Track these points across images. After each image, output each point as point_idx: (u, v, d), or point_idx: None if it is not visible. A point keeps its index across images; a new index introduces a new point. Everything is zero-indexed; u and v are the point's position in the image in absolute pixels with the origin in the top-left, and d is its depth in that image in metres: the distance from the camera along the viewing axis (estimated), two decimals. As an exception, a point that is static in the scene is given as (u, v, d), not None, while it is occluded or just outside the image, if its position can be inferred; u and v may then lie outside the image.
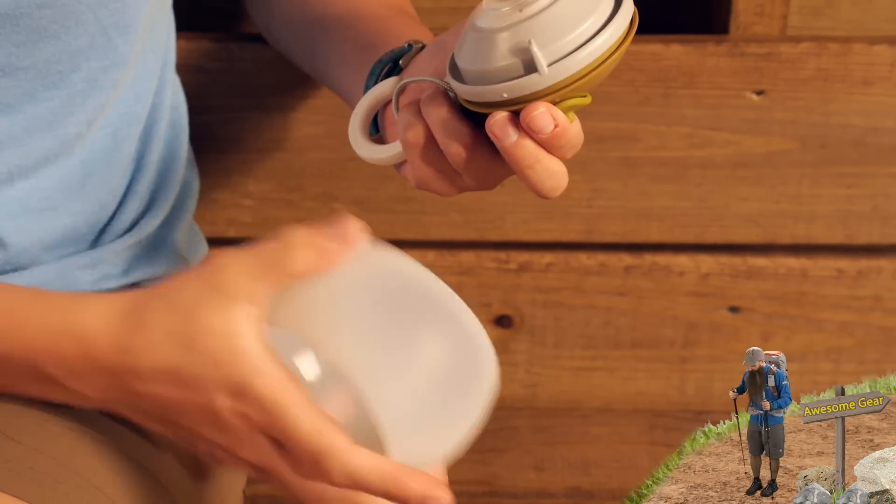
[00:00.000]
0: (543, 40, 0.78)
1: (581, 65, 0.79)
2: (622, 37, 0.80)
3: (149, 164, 1.00)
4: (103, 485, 0.85)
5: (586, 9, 0.79)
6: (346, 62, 0.98)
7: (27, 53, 0.89)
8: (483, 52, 0.79)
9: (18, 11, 0.86)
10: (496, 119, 0.80)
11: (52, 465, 0.84)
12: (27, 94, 0.91)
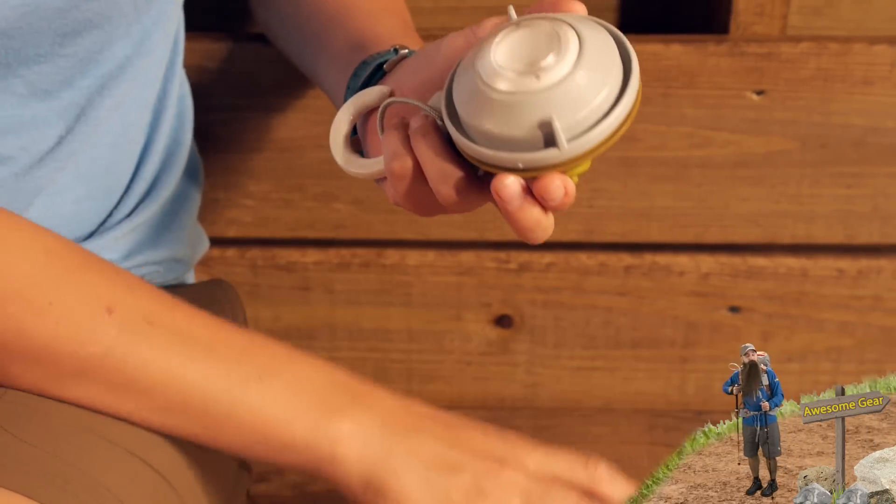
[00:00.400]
0: (562, 114, 0.77)
1: (598, 139, 0.79)
2: (633, 107, 0.80)
3: (155, 151, 1.01)
4: (112, 485, 0.85)
5: (601, 80, 0.79)
6: (334, 60, 0.99)
7: (70, 42, 0.90)
8: (496, 116, 0.78)
9: (69, 5, 0.88)
10: (506, 185, 0.79)
11: (61, 465, 0.84)
12: (65, 81, 0.92)
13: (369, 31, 0.98)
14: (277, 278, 1.28)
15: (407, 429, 0.86)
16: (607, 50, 0.79)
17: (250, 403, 0.85)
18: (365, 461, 0.84)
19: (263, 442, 0.85)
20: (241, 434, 0.86)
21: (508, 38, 0.80)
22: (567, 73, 0.78)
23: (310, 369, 0.87)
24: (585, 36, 0.79)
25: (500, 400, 1.34)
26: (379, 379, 1.32)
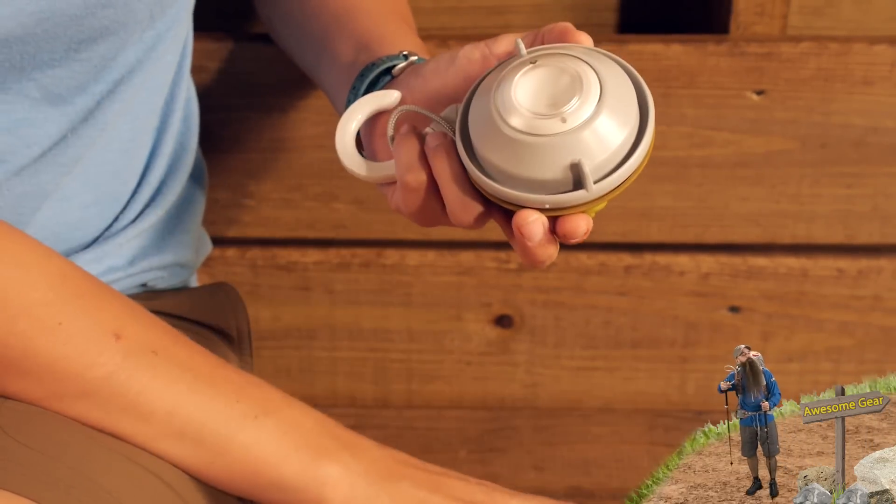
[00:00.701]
0: (589, 156, 0.79)
1: (622, 179, 0.80)
2: (650, 145, 0.81)
3: (162, 155, 1.01)
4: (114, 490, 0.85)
5: (623, 121, 0.80)
6: (337, 60, 0.99)
7: (85, 48, 0.90)
8: (521, 157, 0.80)
9: (85, 12, 0.88)
10: (530, 223, 0.81)
11: (65, 470, 0.84)
12: (79, 87, 0.92)
13: (374, 32, 0.98)
14: (277, 278, 1.28)
15: (391, 475, 0.87)
16: (626, 90, 0.81)
17: (244, 440, 0.87)
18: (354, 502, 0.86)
19: (253, 479, 0.87)
20: (233, 469, 0.87)
21: (528, 76, 0.81)
22: (591, 115, 0.79)
23: (302, 413, 0.89)
24: (604, 76, 0.80)
25: (500, 400, 1.34)
26: (379, 379, 1.32)
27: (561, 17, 1.28)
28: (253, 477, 0.87)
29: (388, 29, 0.99)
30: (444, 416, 1.34)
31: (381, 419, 1.34)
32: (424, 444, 1.35)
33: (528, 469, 1.35)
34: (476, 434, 1.35)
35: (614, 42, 1.21)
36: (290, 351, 1.32)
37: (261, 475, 0.87)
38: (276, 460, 0.86)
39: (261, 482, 0.87)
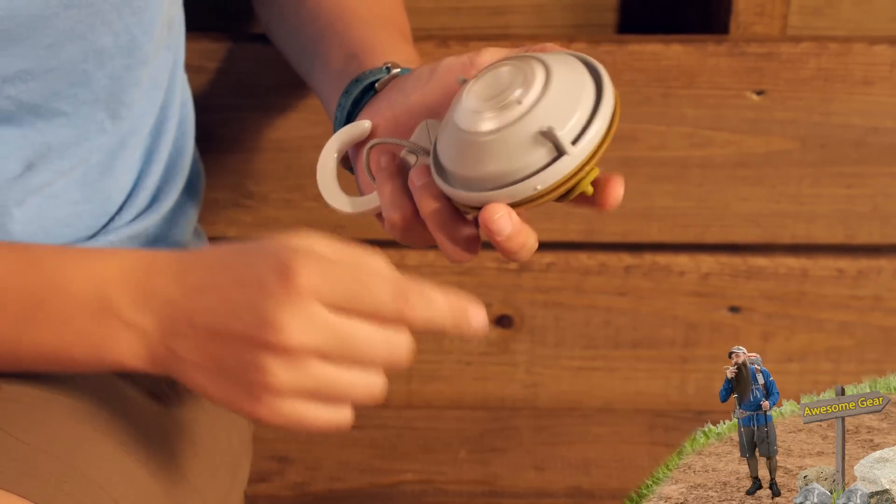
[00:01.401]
0: (557, 123, 0.79)
1: (600, 134, 0.81)
2: (616, 96, 0.82)
3: (158, 160, 1.00)
4: (106, 483, 0.85)
5: (577, 86, 0.81)
6: (328, 68, 0.99)
7: (54, 55, 0.89)
8: (498, 156, 0.80)
9: (47, 13, 0.87)
10: (497, 219, 0.81)
11: (55, 463, 0.84)
12: (54, 94, 0.91)
13: (365, 41, 0.98)
14: (277, 278, 1.28)
15: (177, 330, 0.81)
16: (572, 64, 0.82)
17: (29, 341, 0.84)
18: (157, 364, 0.82)
19: (57, 365, 0.85)
20: (35, 362, 0.85)
21: (475, 87, 0.82)
22: (542, 87, 0.80)
23: (75, 291, 0.83)
24: (546, 59, 0.81)
25: (500, 400, 1.34)
26: (379, 379, 1.32)
27: (561, 17, 1.28)
28: (57, 364, 0.85)
29: (380, 37, 0.99)
30: (444, 416, 1.34)
31: (381, 419, 1.34)
32: (424, 444, 1.35)
33: (528, 469, 1.35)
34: (476, 434, 1.35)
35: (614, 42, 1.21)
36: (290, 351, 1.31)
37: (62, 362, 0.84)
38: (64, 351, 0.83)
39: (66, 367, 0.85)
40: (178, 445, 0.93)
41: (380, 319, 0.79)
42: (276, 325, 0.77)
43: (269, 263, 0.79)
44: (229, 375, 0.79)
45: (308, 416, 0.79)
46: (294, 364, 0.78)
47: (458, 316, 0.80)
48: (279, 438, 1.35)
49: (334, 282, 0.78)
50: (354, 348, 0.78)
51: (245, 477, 1.06)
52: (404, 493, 1.36)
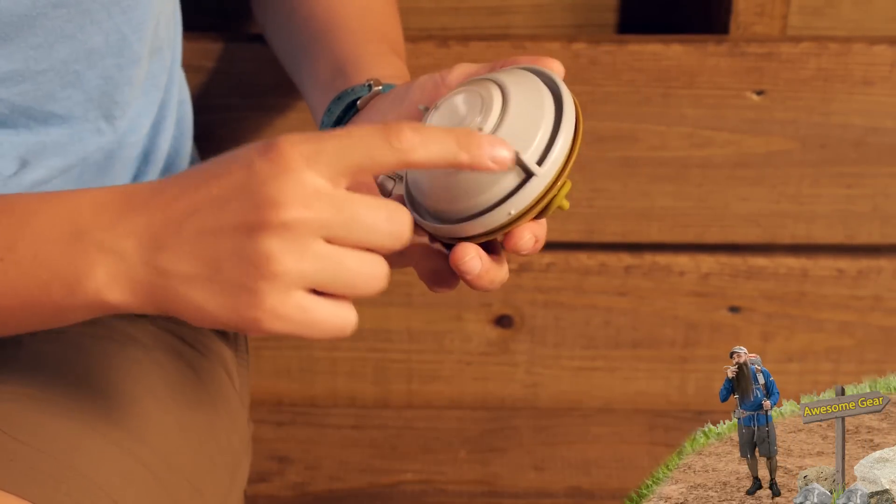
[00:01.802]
0: (521, 146, 0.78)
1: (566, 148, 0.80)
2: (576, 105, 0.81)
3: (155, 160, 1.00)
4: (104, 484, 0.85)
5: (536, 105, 0.80)
6: (315, 80, 0.99)
7: (45, 56, 0.89)
8: (466, 185, 0.79)
9: (35, 12, 0.87)
10: (468, 261, 0.79)
11: (53, 464, 0.84)
12: (46, 96, 0.91)
13: (352, 54, 0.98)
14: (277, 278, 1.28)
15: (161, 243, 0.75)
16: (529, 82, 0.81)
17: (4, 288, 0.79)
18: (140, 291, 0.76)
19: (40, 311, 0.79)
20: (14, 313, 0.80)
21: (434, 117, 0.81)
22: (500, 111, 0.79)
23: (45, 221, 0.78)
24: (502, 80, 0.80)
25: (500, 400, 1.34)
26: (379, 379, 1.32)
27: (561, 17, 1.28)
28: (30, 309, 0.79)
29: (367, 50, 0.98)
30: (444, 416, 1.34)
31: (381, 419, 1.34)
32: (424, 444, 1.35)
33: (528, 469, 1.35)
34: (476, 434, 1.35)
35: (614, 42, 1.21)
36: (290, 351, 1.32)
37: (44, 306, 0.79)
38: (40, 291, 0.78)
39: (47, 312, 0.79)
40: (177, 445, 0.94)
41: (381, 168, 0.74)
42: (272, 201, 0.72)
43: (251, 150, 0.75)
44: (226, 277, 0.73)
45: (314, 311, 0.74)
46: (297, 242, 0.72)
47: (463, 141, 0.74)
48: (279, 438, 1.35)
49: (324, 142, 0.73)
50: (357, 221, 0.73)
51: (245, 477, 1.06)
52: (404, 493, 1.36)
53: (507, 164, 0.75)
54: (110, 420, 0.90)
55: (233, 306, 0.73)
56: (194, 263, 0.74)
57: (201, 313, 0.74)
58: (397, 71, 0.96)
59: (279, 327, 0.73)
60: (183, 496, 0.92)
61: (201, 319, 0.75)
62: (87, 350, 0.95)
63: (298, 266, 0.72)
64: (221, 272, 0.73)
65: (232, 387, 1.04)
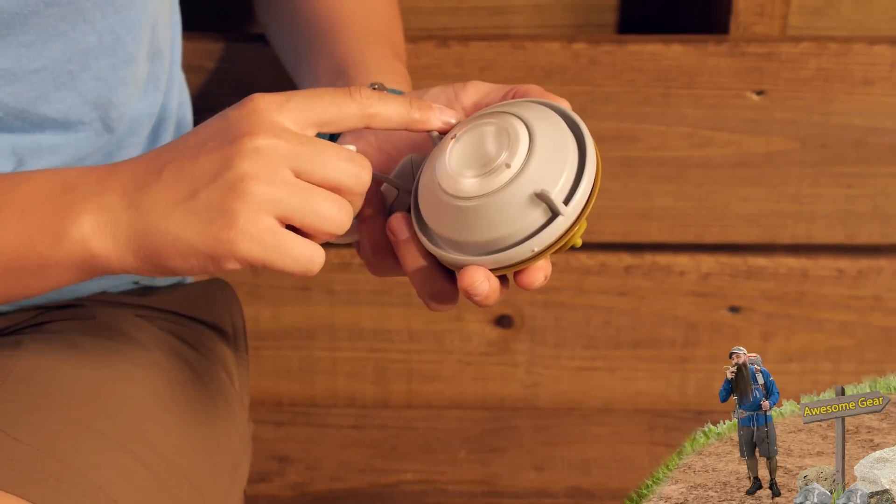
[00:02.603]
0: (548, 184, 0.79)
1: (588, 190, 0.80)
2: (596, 149, 0.82)
3: None
4: (104, 484, 0.85)
5: (561, 143, 0.81)
6: (317, 82, 0.99)
7: (37, 55, 0.89)
8: (488, 218, 0.80)
9: (27, 10, 0.87)
10: (478, 284, 0.81)
11: (53, 464, 0.84)
12: (41, 97, 0.91)
13: (354, 56, 0.98)
14: (277, 278, 1.28)
15: (142, 185, 0.80)
16: (551, 119, 0.82)
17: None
18: (122, 236, 0.80)
19: (24, 268, 0.82)
20: (2, 271, 0.82)
21: (457, 147, 0.81)
22: (528, 149, 0.80)
23: (34, 184, 0.82)
24: (526, 115, 0.81)
25: (500, 400, 1.34)
26: (379, 379, 1.32)
27: (561, 17, 1.28)
28: (23, 266, 0.82)
29: (369, 53, 0.98)
30: (444, 416, 1.34)
31: (381, 419, 1.34)
32: (424, 444, 1.35)
33: (528, 469, 1.35)
34: (476, 434, 1.35)
35: (614, 42, 1.21)
36: (290, 351, 1.32)
37: (28, 261, 0.81)
38: (27, 244, 0.81)
39: (31, 268, 0.82)
40: (177, 445, 0.93)
41: (345, 120, 0.79)
42: (244, 132, 0.77)
43: (228, 110, 0.79)
44: (203, 203, 0.77)
45: (284, 236, 0.78)
46: (268, 167, 0.77)
47: (415, 103, 0.81)
48: (279, 438, 1.35)
49: (293, 95, 0.79)
50: (322, 156, 0.78)
51: (245, 477, 1.06)
52: (404, 493, 1.36)
53: (450, 127, 0.81)
54: (110, 420, 0.90)
55: (209, 230, 0.77)
56: (172, 191, 0.78)
57: (179, 244, 0.78)
58: (399, 75, 0.96)
59: (251, 249, 0.78)
60: (183, 496, 0.92)
61: (180, 252, 0.79)
62: (86, 350, 0.95)
63: (269, 189, 0.77)
64: (198, 198, 0.77)
65: (232, 387, 1.04)
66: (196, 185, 0.78)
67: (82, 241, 0.79)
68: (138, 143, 0.99)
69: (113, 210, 0.79)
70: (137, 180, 0.79)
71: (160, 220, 0.78)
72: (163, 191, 0.78)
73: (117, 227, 0.79)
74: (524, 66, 1.20)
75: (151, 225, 0.78)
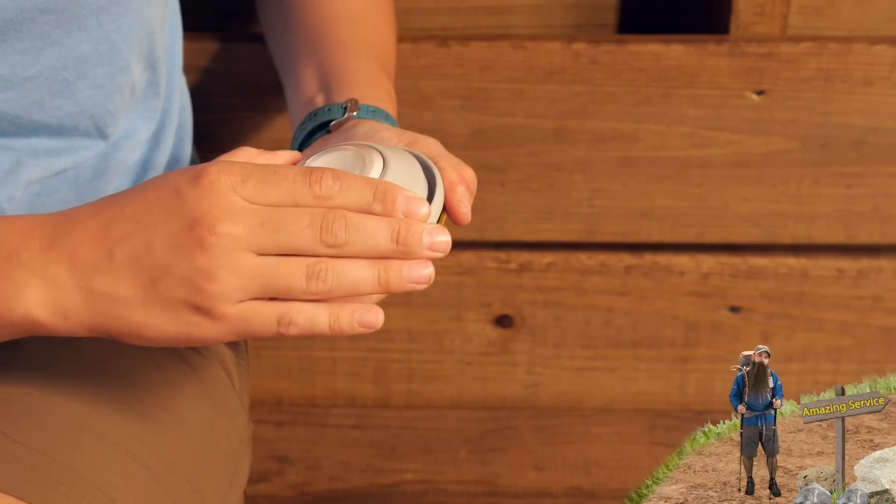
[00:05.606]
0: None
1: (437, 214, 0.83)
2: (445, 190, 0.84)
3: (156, 166, 1.00)
4: (103, 485, 0.85)
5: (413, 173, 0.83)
6: (300, 88, 0.99)
7: (32, 62, 0.89)
8: None
9: (22, 17, 0.87)
10: None
11: (52, 465, 0.84)
12: (35, 104, 0.91)
13: (339, 67, 0.98)
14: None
15: (93, 267, 0.77)
16: (404, 155, 0.83)
17: None
18: (73, 315, 0.78)
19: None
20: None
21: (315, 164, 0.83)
22: (382, 169, 0.81)
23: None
24: (385, 152, 0.83)
25: (500, 400, 1.34)
26: (379, 379, 1.32)
27: (561, 17, 1.28)
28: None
29: (354, 65, 0.98)
30: (444, 416, 1.34)
31: (381, 419, 1.34)
32: (424, 444, 1.35)
33: (528, 469, 1.35)
34: (476, 434, 1.35)
35: (614, 42, 1.21)
36: (290, 351, 1.32)
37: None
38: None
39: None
40: (177, 446, 0.93)
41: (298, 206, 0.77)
42: (201, 221, 0.75)
43: (180, 175, 0.77)
44: (164, 294, 0.76)
45: (256, 318, 0.76)
46: (230, 256, 0.75)
47: (380, 193, 0.78)
48: (279, 438, 1.35)
49: (250, 174, 0.77)
50: (283, 228, 0.76)
51: (245, 477, 1.06)
52: (404, 493, 1.36)
53: (422, 218, 0.79)
54: (110, 421, 0.89)
55: (175, 321, 0.77)
56: (133, 286, 0.77)
57: (145, 331, 0.77)
58: (381, 90, 0.97)
59: (224, 335, 0.77)
60: (182, 496, 0.92)
61: (146, 338, 0.78)
62: (85, 351, 0.95)
63: (232, 280, 0.76)
64: (158, 289, 0.76)
65: (232, 387, 1.04)
66: (154, 274, 0.76)
67: (29, 316, 0.78)
68: (137, 148, 0.99)
69: (61, 288, 0.77)
70: (87, 259, 0.77)
71: (118, 308, 0.77)
72: (117, 278, 0.77)
73: (67, 306, 0.77)
74: (524, 66, 1.20)
75: (109, 312, 0.77)
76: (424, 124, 1.21)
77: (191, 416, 0.97)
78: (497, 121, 1.22)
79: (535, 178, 1.24)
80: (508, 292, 1.29)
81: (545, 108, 1.22)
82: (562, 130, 1.23)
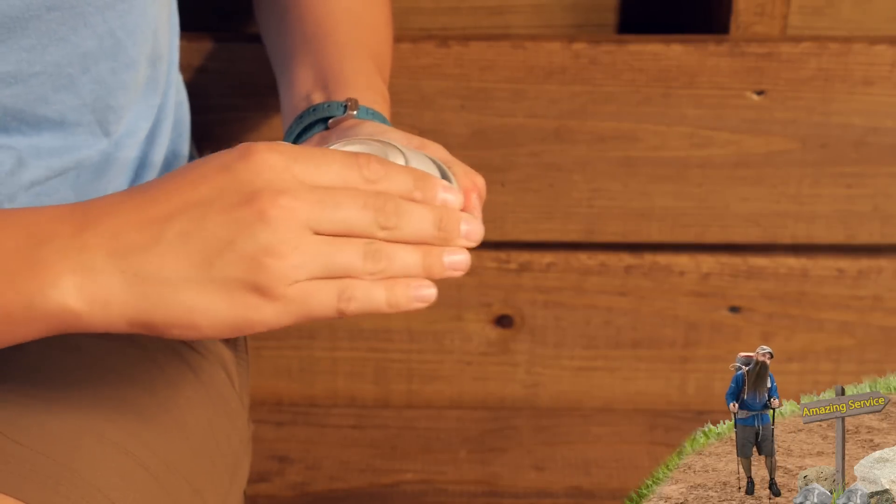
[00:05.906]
0: None
1: None
2: None
3: (153, 163, 1.00)
4: (103, 486, 0.85)
5: None
6: (295, 87, 0.99)
7: (37, 58, 0.89)
8: None
9: (28, 14, 0.87)
10: None
11: (52, 466, 0.84)
12: (39, 99, 0.91)
13: (335, 68, 0.98)
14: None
15: (137, 247, 0.72)
16: (425, 160, 0.83)
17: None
18: (119, 306, 0.72)
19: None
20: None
21: None
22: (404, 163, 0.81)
23: (2, 238, 0.74)
24: (405, 151, 0.83)
25: (500, 400, 1.34)
26: (379, 379, 1.32)
27: (561, 17, 1.28)
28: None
29: (350, 66, 0.98)
30: (444, 416, 1.34)
31: (381, 419, 1.34)
32: (424, 444, 1.35)
33: (528, 469, 1.35)
34: (476, 434, 1.35)
35: (614, 42, 1.21)
36: (290, 351, 1.32)
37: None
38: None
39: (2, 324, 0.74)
40: (177, 446, 0.93)
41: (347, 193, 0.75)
42: (261, 194, 0.71)
43: (221, 155, 0.74)
44: (221, 272, 0.72)
45: (314, 297, 0.74)
46: (290, 233, 0.72)
47: (419, 181, 0.77)
48: (279, 438, 1.35)
49: (296, 153, 0.74)
50: (342, 207, 0.74)
51: (245, 477, 1.06)
52: (404, 493, 1.36)
53: (458, 205, 0.79)
54: (109, 421, 0.89)
55: (234, 302, 0.72)
56: (181, 262, 0.72)
57: (198, 317, 0.72)
58: (376, 93, 0.97)
59: (281, 318, 0.74)
60: (182, 497, 0.92)
61: (197, 325, 0.73)
62: (86, 352, 0.95)
63: (294, 257, 0.72)
64: (214, 267, 0.72)
65: (231, 387, 1.04)
66: (208, 252, 0.71)
67: (62, 304, 0.72)
68: (135, 146, 0.99)
69: (101, 272, 0.72)
70: (130, 242, 0.72)
71: (167, 292, 0.72)
72: (166, 258, 0.72)
73: (108, 293, 0.72)
74: (524, 66, 1.20)
75: (156, 297, 0.72)
76: (424, 124, 1.21)
77: (191, 417, 0.97)
78: (497, 121, 1.22)
79: (535, 178, 1.24)
80: (508, 292, 1.29)
81: (545, 108, 1.22)
82: (562, 130, 1.23)
